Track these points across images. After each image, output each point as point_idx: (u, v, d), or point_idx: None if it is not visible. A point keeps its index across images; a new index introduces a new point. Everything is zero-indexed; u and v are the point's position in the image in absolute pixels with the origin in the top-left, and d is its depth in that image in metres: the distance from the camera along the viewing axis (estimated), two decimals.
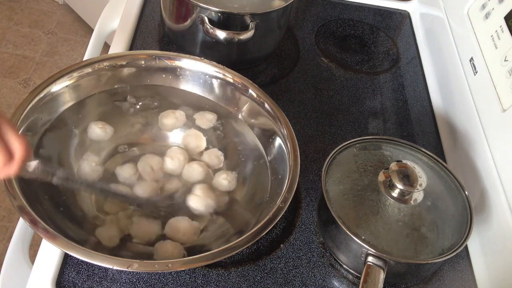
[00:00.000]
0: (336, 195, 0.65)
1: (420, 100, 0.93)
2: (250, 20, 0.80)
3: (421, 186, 0.61)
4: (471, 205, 0.65)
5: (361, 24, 1.08)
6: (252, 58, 0.91)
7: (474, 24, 0.82)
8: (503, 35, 0.74)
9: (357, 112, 0.89)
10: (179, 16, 0.86)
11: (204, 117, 0.75)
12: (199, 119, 0.75)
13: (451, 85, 0.88)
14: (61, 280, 0.61)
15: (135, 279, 0.62)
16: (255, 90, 0.72)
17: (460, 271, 0.70)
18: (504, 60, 0.72)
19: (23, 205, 0.55)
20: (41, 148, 0.65)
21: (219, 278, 0.64)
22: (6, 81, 1.94)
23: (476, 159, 0.75)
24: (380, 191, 0.64)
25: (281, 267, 0.66)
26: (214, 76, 0.74)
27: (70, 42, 2.15)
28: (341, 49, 1.01)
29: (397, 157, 0.70)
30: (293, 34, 1.01)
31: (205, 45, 0.85)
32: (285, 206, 0.60)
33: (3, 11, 2.22)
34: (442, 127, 0.88)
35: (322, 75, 0.95)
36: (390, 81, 0.96)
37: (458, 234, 0.63)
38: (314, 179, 0.77)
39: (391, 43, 1.05)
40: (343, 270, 0.68)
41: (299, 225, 0.71)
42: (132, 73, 0.74)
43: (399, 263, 0.60)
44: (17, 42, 2.10)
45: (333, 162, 0.68)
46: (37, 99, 0.65)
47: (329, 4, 1.11)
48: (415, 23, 1.09)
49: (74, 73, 0.69)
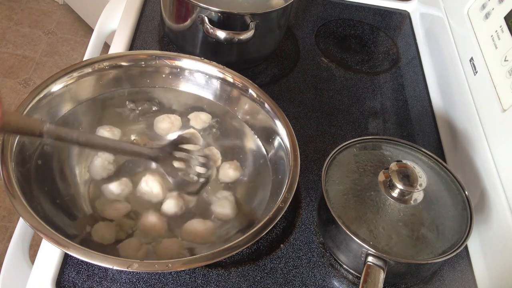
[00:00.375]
0: (336, 195, 0.65)
1: (420, 100, 0.93)
2: (250, 20, 0.80)
3: (421, 186, 0.61)
4: (471, 205, 0.65)
5: (361, 24, 1.08)
6: (252, 58, 0.91)
7: (474, 24, 0.82)
8: (503, 35, 0.74)
9: (357, 112, 0.89)
10: (179, 16, 0.86)
11: (198, 117, 0.75)
12: (193, 119, 0.75)
13: (451, 85, 0.88)
14: (61, 280, 0.61)
15: (135, 279, 0.62)
16: (255, 90, 0.72)
17: (460, 271, 0.70)
18: (504, 60, 0.72)
19: (23, 205, 0.55)
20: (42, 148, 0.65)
21: (219, 278, 0.64)
22: (6, 81, 1.94)
23: (476, 159, 0.75)
24: (380, 191, 0.64)
25: (281, 267, 0.66)
26: (214, 76, 0.74)
27: (70, 42, 2.15)
28: (341, 49, 1.01)
29: (397, 157, 0.70)
30: (293, 34, 1.01)
31: (205, 45, 0.85)
32: (285, 206, 0.60)
33: (3, 11, 2.22)
34: (442, 127, 0.88)
35: (322, 75, 0.95)
36: (390, 81, 0.96)
37: (458, 234, 0.63)
38: (314, 179, 0.77)
39: (391, 43, 1.05)
40: (343, 270, 0.68)
41: (299, 225, 0.71)
42: (132, 73, 0.74)
43: (399, 263, 0.60)
44: (17, 42, 2.10)
45: (333, 162, 0.68)
46: (37, 99, 0.65)
47: (329, 4, 1.11)
48: (415, 23, 1.09)
49: (74, 73, 0.69)
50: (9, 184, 0.56)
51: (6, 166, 0.57)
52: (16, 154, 0.60)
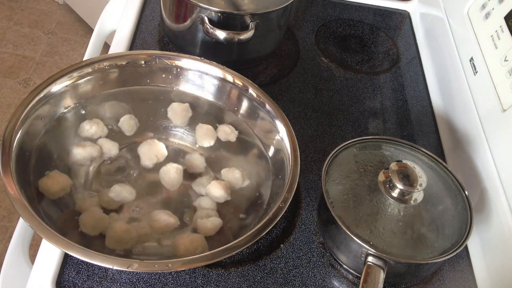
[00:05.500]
0: (336, 195, 0.65)
1: (420, 100, 0.93)
2: (250, 20, 0.80)
3: (421, 186, 0.61)
4: (471, 205, 0.65)
5: (361, 24, 1.08)
6: (252, 58, 0.91)
7: (474, 24, 0.82)
8: (503, 35, 0.74)
9: (357, 112, 0.89)
10: (179, 16, 0.86)
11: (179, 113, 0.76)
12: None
13: (451, 85, 0.88)
14: (61, 280, 0.61)
15: (135, 279, 0.62)
16: (255, 90, 0.72)
17: (460, 271, 0.70)
18: (504, 60, 0.72)
19: (23, 205, 0.55)
20: (41, 147, 0.65)
21: (219, 278, 0.64)
22: (6, 81, 1.94)
23: (476, 159, 0.75)
24: (380, 191, 0.64)
25: (281, 267, 0.66)
26: (214, 76, 0.74)
27: (70, 42, 2.15)
28: (341, 49, 1.01)
29: (397, 157, 0.70)
30: (293, 34, 1.01)
31: (205, 45, 0.85)
32: (285, 206, 0.60)
33: (3, 11, 2.22)
34: (442, 127, 0.88)
35: (322, 75, 0.95)
36: (390, 81, 0.96)
37: (458, 234, 0.63)
38: (314, 179, 0.77)
39: (391, 43, 1.05)
40: (343, 270, 0.68)
41: (299, 225, 0.71)
42: (132, 72, 0.74)
43: (399, 263, 0.60)
44: (17, 42, 2.10)
45: (333, 162, 0.68)
46: (37, 99, 0.65)
47: (329, 4, 1.11)
48: (415, 23, 1.09)
49: (74, 73, 0.69)
50: (9, 184, 0.56)
51: (6, 166, 0.57)
52: (16, 154, 0.60)
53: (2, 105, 1.85)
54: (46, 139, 0.66)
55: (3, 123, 1.78)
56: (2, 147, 0.59)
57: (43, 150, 0.66)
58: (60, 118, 0.69)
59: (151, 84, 0.75)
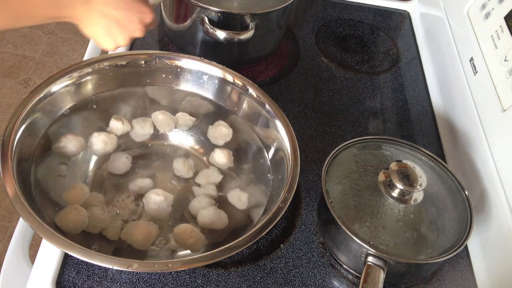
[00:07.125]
0: (336, 195, 0.65)
1: (420, 100, 0.93)
2: (250, 20, 0.80)
3: (421, 186, 0.61)
4: (471, 205, 0.65)
5: (361, 24, 1.08)
6: (252, 58, 0.91)
7: (474, 24, 0.82)
8: (503, 35, 0.74)
9: (357, 112, 0.89)
10: (179, 16, 0.86)
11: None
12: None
13: (451, 85, 0.88)
14: (61, 280, 0.61)
15: (135, 279, 0.62)
16: (255, 90, 0.72)
17: (460, 271, 0.70)
18: (504, 60, 0.72)
19: (23, 205, 0.55)
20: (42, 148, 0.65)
21: (219, 278, 0.64)
22: (6, 81, 1.94)
23: (476, 159, 0.75)
24: (380, 191, 0.64)
25: (281, 267, 0.66)
26: (214, 76, 0.74)
27: (70, 42, 2.15)
28: (341, 49, 1.01)
29: (397, 157, 0.70)
30: (293, 34, 1.01)
31: (205, 45, 0.85)
32: (285, 206, 0.60)
33: None
34: (442, 127, 0.88)
35: (322, 75, 0.95)
36: (390, 81, 0.96)
37: (458, 234, 0.63)
38: (314, 179, 0.77)
39: (391, 43, 1.05)
40: (343, 270, 0.68)
41: (299, 225, 0.71)
42: (132, 73, 0.74)
43: (399, 263, 0.60)
44: (17, 42, 2.10)
45: (333, 162, 0.68)
46: (37, 99, 0.65)
47: (329, 4, 1.11)
48: (415, 23, 1.09)
49: (74, 73, 0.69)
50: (9, 184, 0.56)
51: (6, 166, 0.57)
52: (16, 154, 0.60)
53: (2, 105, 1.84)
54: (47, 139, 0.66)
55: (3, 123, 1.78)
56: (2, 147, 0.59)
57: (43, 149, 0.66)
58: (60, 118, 0.69)
59: (151, 84, 0.75)
